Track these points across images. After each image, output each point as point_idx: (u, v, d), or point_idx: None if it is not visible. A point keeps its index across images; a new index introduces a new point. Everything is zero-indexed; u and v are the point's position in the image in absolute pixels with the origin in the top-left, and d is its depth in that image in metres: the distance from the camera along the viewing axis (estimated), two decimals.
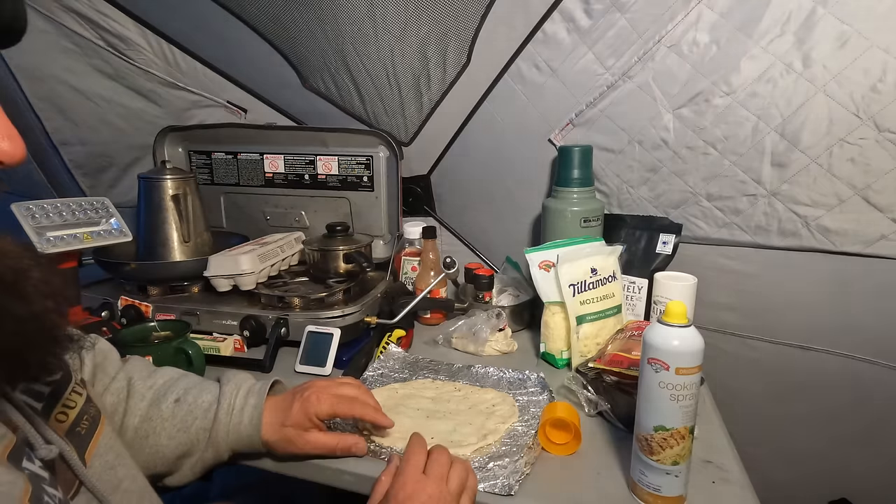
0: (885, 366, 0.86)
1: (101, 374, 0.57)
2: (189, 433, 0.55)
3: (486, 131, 1.04)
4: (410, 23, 0.93)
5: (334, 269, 0.96)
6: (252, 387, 0.59)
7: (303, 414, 0.56)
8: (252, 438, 0.56)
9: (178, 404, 0.57)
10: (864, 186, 0.78)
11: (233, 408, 0.57)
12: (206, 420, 0.56)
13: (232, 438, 0.56)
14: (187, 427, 0.55)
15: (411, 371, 0.79)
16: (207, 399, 0.57)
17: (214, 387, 0.59)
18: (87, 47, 1.08)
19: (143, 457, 0.54)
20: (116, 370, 0.59)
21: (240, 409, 0.57)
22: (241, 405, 0.57)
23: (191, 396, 0.57)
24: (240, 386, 0.59)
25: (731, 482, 0.55)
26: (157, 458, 0.55)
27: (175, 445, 0.55)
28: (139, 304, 0.89)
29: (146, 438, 0.55)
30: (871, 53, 0.73)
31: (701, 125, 0.87)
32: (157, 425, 0.55)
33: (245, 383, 0.60)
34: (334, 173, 1.12)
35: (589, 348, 0.80)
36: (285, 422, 0.56)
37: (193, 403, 0.57)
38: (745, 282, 0.93)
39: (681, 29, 0.82)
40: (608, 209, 0.99)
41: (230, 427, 0.56)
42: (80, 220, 0.85)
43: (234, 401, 0.57)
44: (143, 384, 0.58)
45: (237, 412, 0.56)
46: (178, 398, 0.57)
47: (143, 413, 0.56)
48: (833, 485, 0.98)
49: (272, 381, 0.61)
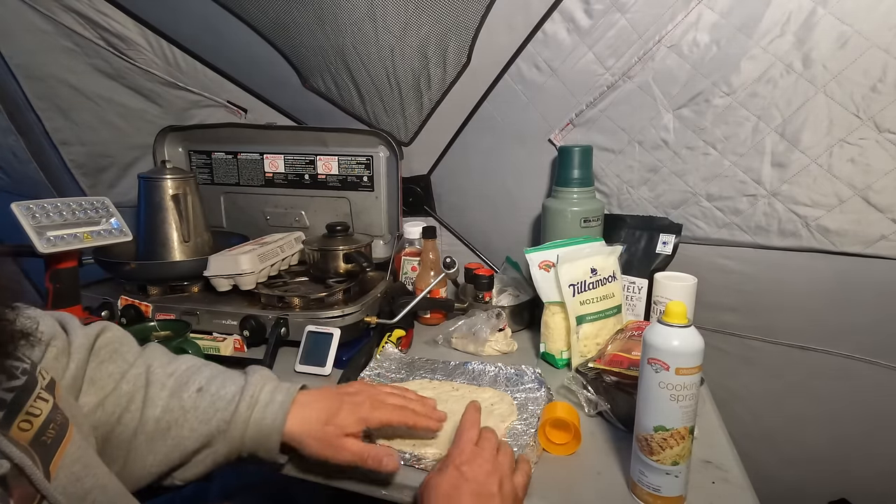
0: (884, 366, 0.86)
1: (119, 360, 0.54)
2: (210, 425, 0.52)
3: (486, 131, 1.04)
4: (411, 23, 0.93)
5: (334, 269, 0.96)
6: (279, 384, 0.56)
7: (354, 418, 0.54)
8: (271, 437, 0.53)
9: (201, 394, 0.54)
10: (864, 187, 0.78)
11: (256, 401, 0.54)
12: (227, 412, 0.53)
13: (251, 433, 0.53)
14: (209, 419, 0.52)
15: (408, 371, 0.79)
16: (231, 390, 0.54)
17: (240, 378, 0.56)
18: (87, 47, 1.08)
19: (163, 450, 0.51)
20: (135, 356, 0.56)
21: (264, 403, 0.54)
22: (266, 400, 0.54)
23: (214, 386, 0.54)
24: (266, 380, 0.56)
25: (731, 482, 0.55)
26: (177, 452, 0.52)
27: (196, 438, 0.52)
28: (139, 303, 0.89)
29: (168, 430, 0.52)
30: (871, 54, 0.73)
31: (701, 125, 0.87)
32: (179, 416, 0.52)
33: (271, 379, 0.57)
34: (334, 173, 1.12)
35: (589, 348, 0.80)
36: (330, 420, 0.54)
37: (216, 395, 0.54)
38: (744, 282, 0.93)
39: (681, 29, 0.82)
40: (608, 209, 0.99)
41: (251, 421, 0.53)
42: (80, 219, 0.85)
43: (258, 394, 0.54)
44: (164, 371, 0.55)
45: (261, 407, 0.54)
46: (201, 388, 0.54)
47: (164, 403, 0.53)
48: (833, 485, 0.98)
49: (301, 384, 0.58)
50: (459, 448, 0.52)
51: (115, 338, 0.56)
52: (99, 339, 0.54)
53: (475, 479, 0.49)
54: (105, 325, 0.56)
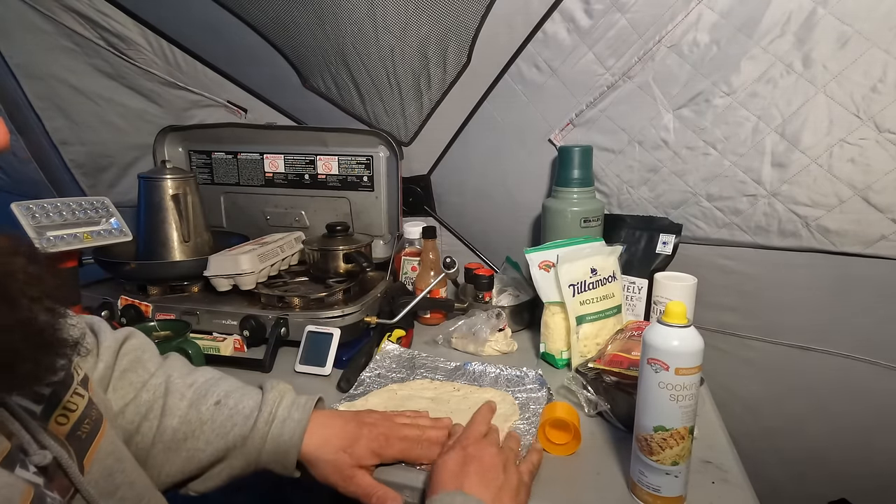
0: (884, 366, 0.86)
1: (141, 370, 0.55)
2: (227, 439, 0.53)
3: (486, 131, 1.04)
4: (411, 22, 0.93)
5: (334, 269, 0.96)
6: (297, 400, 0.56)
7: (369, 452, 0.55)
8: (289, 454, 0.53)
9: (219, 407, 0.54)
10: (865, 187, 0.78)
11: (273, 417, 0.54)
12: (245, 427, 0.53)
13: (269, 448, 0.53)
14: (226, 433, 0.53)
15: (408, 370, 0.79)
16: (249, 405, 0.55)
17: (257, 393, 0.57)
18: (87, 47, 1.08)
19: (179, 461, 0.52)
20: (157, 366, 0.56)
21: (282, 420, 0.54)
22: (283, 416, 0.54)
23: (232, 400, 0.55)
24: (283, 395, 0.56)
25: (731, 482, 0.55)
26: (193, 463, 0.52)
27: (212, 451, 0.52)
28: (139, 303, 0.89)
29: (184, 441, 0.52)
30: (871, 54, 0.73)
31: (701, 125, 0.87)
32: (196, 428, 0.53)
33: (288, 394, 0.57)
34: (334, 173, 1.12)
35: (589, 348, 0.80)
36: (347, 448, 0.54)
37: (234, 408, 0.54)
38: (744, 282, 0.93)
39: (681, 29, 0.82)
40: (608, 209, 0.99)
41: (269, 438, 0.53)
42: (80, 219, 0.85)
43: (275, 410, 0.54)
44: (183, 381, 0.56)
45: (278, 423, 0.54)
46: (219, 401, 0.54)
47: (182, 414, 0.53)
48: (833, 485, 0.98)
49: (317, 397, 0.58)
50: (467, 434, 0.56)
51: (138, 345, 0.57)
52: (125, 345, 0.55)
53: (481, 458, 0.51)
54: (130, 332, 0.57)
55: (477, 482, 0.48)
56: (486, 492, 0.48)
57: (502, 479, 0.50)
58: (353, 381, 0.76)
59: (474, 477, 0.49)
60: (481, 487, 0.48)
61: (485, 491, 0.48)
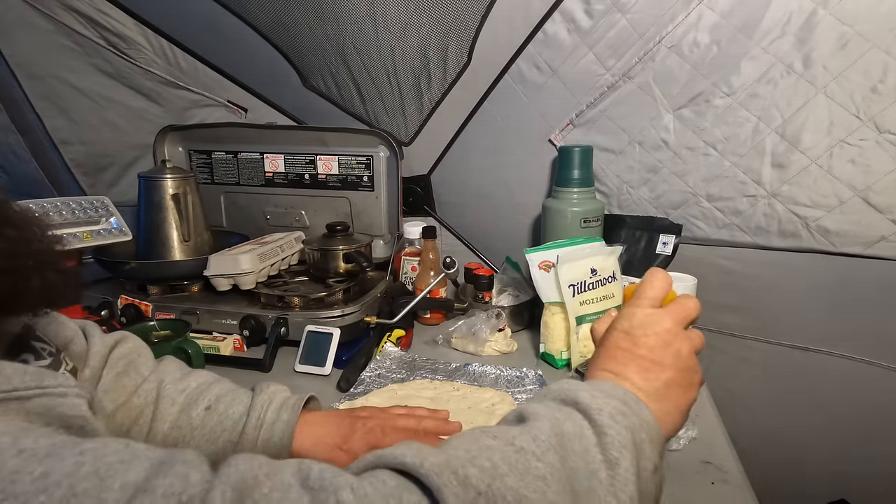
0: (884, 367, 0.87)
1: (134, 374, 0.54)
2: (217, 445, 0.52)
3: (486, 131, 1.04)
4: (411, 22, 0.93)
5: (334, 269, 0.96)
6: (286, 401, 0.55)
7: (366, 445, 0.54)
8: (280, 456, 0.51)
9: (209, 413, 0.54)
10: (865, 187, 0.78)
11: (262, 422, 0.53)
12: (234, 433, 0.53)
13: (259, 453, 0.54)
14: (215, 439, 0.52)
15: (408, 371, 0.79)
16: (238, 410, 0.54)
17: (247, 397, 0.56)
18: (87, 46, 1.08)
19: None
20: (150, 370, 0.56)
21: (270, 423, 0.53)
22: (272, 419, 0.54)
23: (222, 405, 0.54)
24: (272, 398, 0.55)
25: (731, 483, 0.55)
26: None
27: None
28: (139, 303, 0.89)
29: (175, 446, 0.51)
30: (871, 55, 0.73)
31: (701, 126, 0.87)
32: (187, 433, 0.52)
33: (278, 396, 0.56)
34: (334, 173, 1.12)
35: (589, 349, 0.80)
36: (342, 445, 0.53)
37: (224, 413, 0.54)
38: (744, 283, 0.93)
39: (681, 30, 0.82)
40: (608, 209, 0.99)
41: (258, 442, 0.53)
42: (80, 219, 0.85)
43: (264, 414, 0.54)
44: (175, 387, 0.55)
45: (267, 427, 0.53)
46: (209, 406, 0.54)
47: (173, 419, 0.53)
48: (833, 485, 0.98)
49: (308, 396, 0.57)
50: (636, 303, 0.46)
51: (132, 349, 0.56)
52: (115, 350, 0.54)
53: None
54: (123, 336, 0.56)
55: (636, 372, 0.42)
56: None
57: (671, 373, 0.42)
58: (353, 381, 0.76)
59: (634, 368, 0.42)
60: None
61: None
